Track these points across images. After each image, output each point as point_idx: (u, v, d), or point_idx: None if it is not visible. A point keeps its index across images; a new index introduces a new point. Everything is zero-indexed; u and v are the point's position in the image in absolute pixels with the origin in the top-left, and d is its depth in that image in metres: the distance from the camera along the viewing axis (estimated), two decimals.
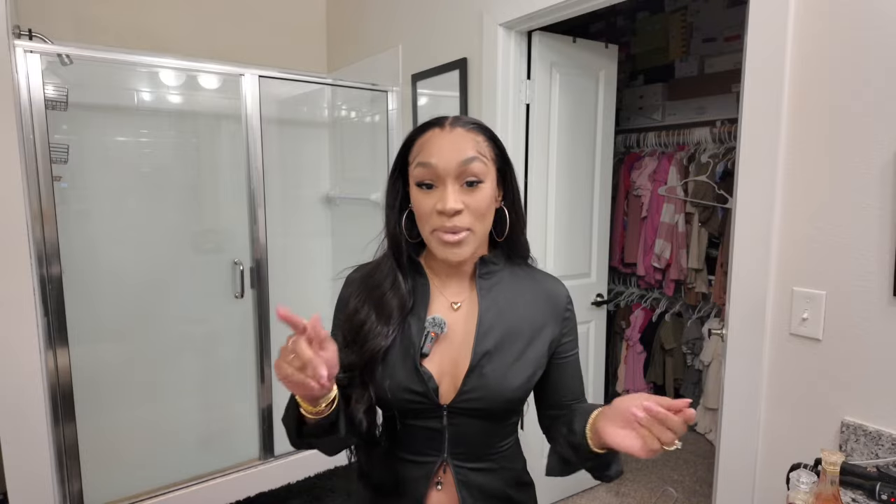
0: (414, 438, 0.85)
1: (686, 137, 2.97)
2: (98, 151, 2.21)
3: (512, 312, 0.86)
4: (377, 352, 0.81)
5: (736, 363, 1.35)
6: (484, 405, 0.82)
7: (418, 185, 0.80)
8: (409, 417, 0.83)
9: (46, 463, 1.78)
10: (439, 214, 0.78)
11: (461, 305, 0.86)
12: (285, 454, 2.46)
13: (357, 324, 0.83)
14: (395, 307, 0.83)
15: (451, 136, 0.79)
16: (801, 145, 1.20)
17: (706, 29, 3.02)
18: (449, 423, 0.83)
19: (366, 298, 0.85)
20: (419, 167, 0.79)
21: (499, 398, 0.82)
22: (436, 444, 0.84)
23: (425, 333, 0.83)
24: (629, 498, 2.44)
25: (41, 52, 1.79)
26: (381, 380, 0.81)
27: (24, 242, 1.68)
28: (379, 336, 0.81)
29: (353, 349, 0.82)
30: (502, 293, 0.87)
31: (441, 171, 0.78)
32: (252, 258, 2.34)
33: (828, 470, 0.90)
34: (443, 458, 0.84)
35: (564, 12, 1.79)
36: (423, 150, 0.80)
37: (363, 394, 0.81)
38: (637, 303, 3.36)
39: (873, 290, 1.11)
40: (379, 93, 2.61)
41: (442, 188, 0.78)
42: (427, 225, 0.80)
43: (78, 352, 1.96)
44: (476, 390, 0.81)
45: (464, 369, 0.82)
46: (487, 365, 0.81)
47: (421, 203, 0.80)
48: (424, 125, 0.83)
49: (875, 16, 1.08)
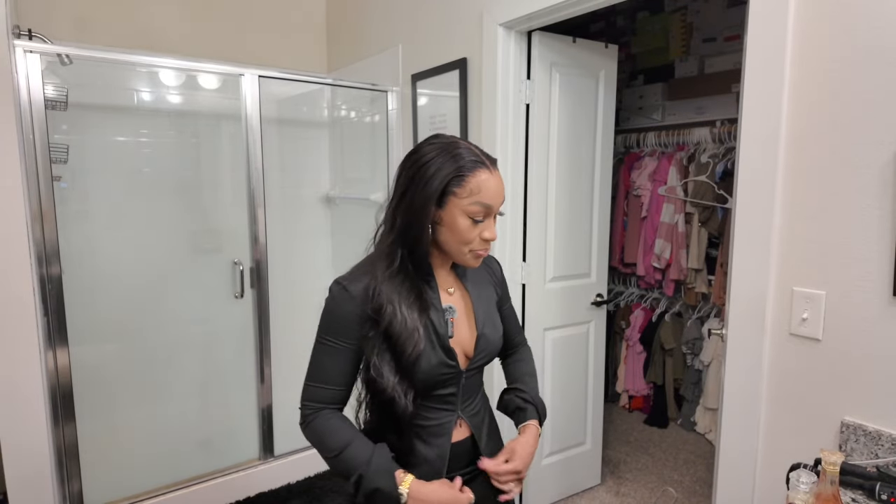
0: (434, 405, 1.02)
1: (686, 137, 2.97)
2: (98, 151, 2.21)
3: (481, 288, 1.11)
4: (420, 354, 0.95)
5: (736, 363, 1.35)
6: (487, 359, 1.07)
7: (472, 218, 0.95)
8: (434, 389, 1.00)
9: (46, 463, 1.78)
10: (483, 241, 0.97)
11: (454, 290, 1.07)
12: (285, 454, 2.47)
13: (394, 335, 0.94)
14: (417, 309, 0.96)
15: (497, 179, 0.96)
16: (800, 145, 1.20)
17: (706, 29, 3.02)
18: (462, 384, 1.03)
19: (396, 308, 0.95)
20: (477, 205, 0.94)
21: (495, 351, 1.09)
22: (452, 405, 1.03)
23: (446, 320, 1.02)
24: (629, 498, 2.44)
25: (41, 52, 1.79)
26: (423, 367, 0.96)
27: (24, 242, 1.68)
28: (417, 343, 0.95)
29: (391, 356, 0.95)
30: (470, 276, 1.11)
31: (493, 210, 0.97)
32: (252, 258, 2.34)
33: (827, 470, 0.90)
34: (457, 413, 1.04)
35: (564, 12, 1.79)
36: (482, 192, 0.94)
37: (409, 387, 0.96)
38: (637, 303, 3.36)
39: (873, 290, 1.11)
40: (379, 93, 2.61)
41: (488, 220, 0.97)
42: (467, 246, 0.97)
43: (78, 352, 1.96)
44: (483, 350, 1.05)
45: (469, 338, 1.04)
46: (485, 330, 1.05)
47: (469, 231, 0.95)
48: (470, 164, 0.94)
49: (875, 16, 1.08)
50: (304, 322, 2.88)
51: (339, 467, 0.95)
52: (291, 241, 2.81)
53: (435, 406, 1.02)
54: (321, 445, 0.97)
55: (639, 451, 2.86)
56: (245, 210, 2.32)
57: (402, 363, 0.94)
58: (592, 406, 2.44)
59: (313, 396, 0.99)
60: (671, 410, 3.19)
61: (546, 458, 2.30)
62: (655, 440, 2.98)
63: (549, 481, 2.30)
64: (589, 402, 2.42)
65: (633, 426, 3.17)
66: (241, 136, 2.25)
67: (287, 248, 2.72)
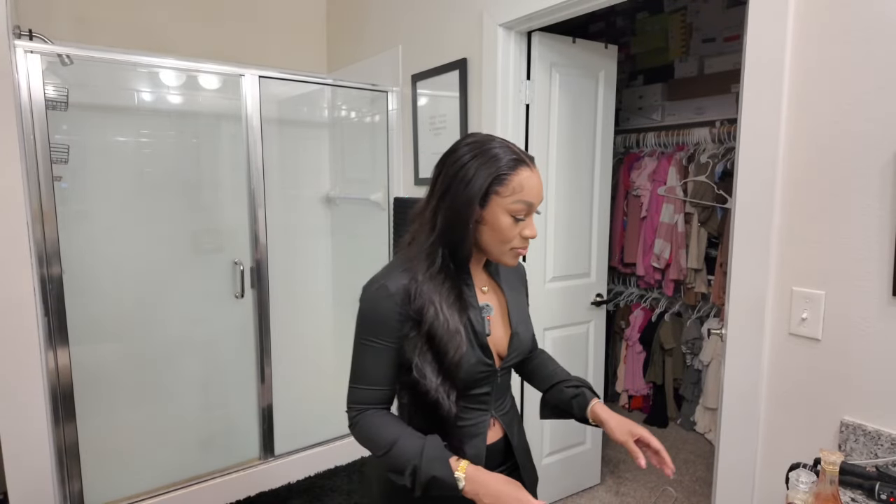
0: (468, 405, 1.02)
1: (685, 137, 2.98)
2: (98, 151, 2.21)
3: (511, 286, 1.11)
4: (462, 357, 0.95)
5: (735, 363, 1.35)
6: (520, 358, 1.08)
7: (514, 216, 0.95)
8: (471, 389, 1.01)
9: (46, 463, 1.78)
10: (524, 239, 0.98)
11: (487, 288, 1.07)
12: (285, 454, 2.47)
13: (437, 338, 0.94)
14: (456, 309, 0.97)
15: (537, 177, 0.97)
16: (800, 145, 1.20)
17: (706, 29, 3.02)
18: (496, 383, 1.04)
19: (437, 309, 0.95)
20: (519, 203, 0.94)
21: (527, 350, 1.10)
22: (486, 404, 1.04)
23: (483, 318, 1.02)
24: (629, 497, 2.44)
25: (41, 53, 1.79)
26: (464, 368, 0.96)
27: (25, 242, 1.68)
28: (462, 343, 0.95)
29: (433, 358, 0.95)
30: (501, 275, 1.11)
31: (534, 209, 0.97)
32: (252, 258, 2.34)
33: (827, 470, 0.91)
34: (491, 413, 1.05)
35: (564, 12, 1.79)
36: (525, 190, 0.94)
37: (451, 387, 0.96)
38: (636, 303, 3.36)
39: (873, 290, 1.11)
40: (379, 93, 2.61)
41: (528, 218, 0.98)
42: (507, 244, 0.97)
43: (78, 352, 1.96)
44: (516, 349, 1.06)
45: (503, 337, 1.05)
46: (519, 329, 1.07)
47: (511, 229, 0.95)
48: (512, 162, 0.94)
49: (875, 15, 1.08)
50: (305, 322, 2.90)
51: (392, 463, 0.93)
52: (291, 241, 2.82)
53: (470, 406, 1.01)
54: (371, 444, 0.96)
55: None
56: (245, 210, 2.32)
57: (445, 364, 0.94)
58: None
59: (358, 398, 0.98)
60: (671, 410, 3.20)
61: (546, 457, 2.30)
62: None
63: (549, 481, 2.31)
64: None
65: None
66: (241, 137, 2.25)
67: (287, 248, 2.72)
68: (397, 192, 2.62)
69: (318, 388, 2.87)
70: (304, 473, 2.50)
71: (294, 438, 2.52)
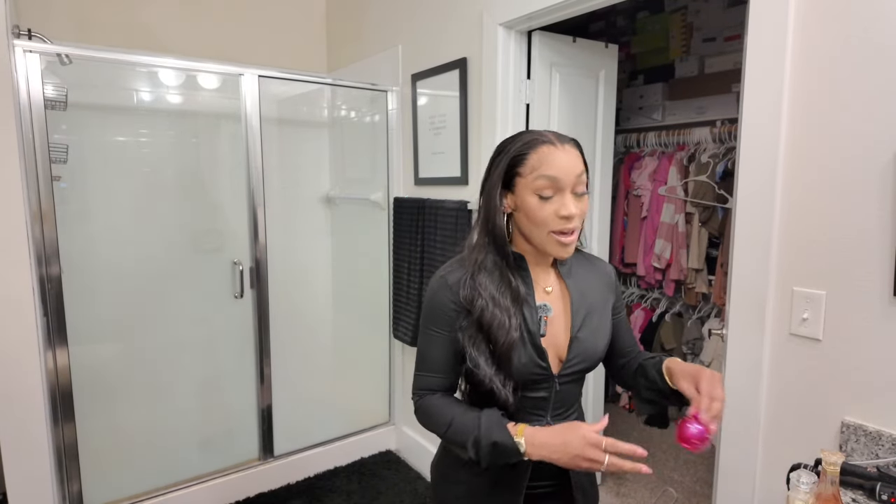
0: (524, 406, 0.99)
1: (686, 137, 2.97)
2: (97, 151, 2.21)
3: (587, 290, 1.05)
4: (513, 343, 0.94)
5: (736, 363, 1.34)
6: (584, 366, 1.01)
7: (538, 195, 0.92)
8: (525, 389, 0.98)
9: (46, 463, 1.78)
10: (560, 219, 0.92)
11: (552, 289, 1.03)
12: (285, 454, 2.47)
13: (486, 323, 0.94)
14: (510, 300, 0.96)
15: (566, 152, 0.92)
16: (800, 145, 1.20)
17: (706, 29, 3.02)
18: (555, 389, 1.00)
19: (485, 296, 0.95)
20: (541, 179, 0.91)
21: (594, 358, 1.02)
22: (542, 409, 1.00)
23: (539, 317, 0.98)
24: (629, 498, 2.43)
25: (41, 52, 1.78)
26: (514, 362, 0.94)
27: (24, 242, 1.68)
28: (511, 330, 0.94)
29: (485, 345, 0.95)
30: (578, 277, 1.06)
31: (563, 184, 0.91)
32: (252, 258, 2.33)
33: (828, 470, 0.90)
34: (546, 420, 1.00)
35: (564, 12, 1.79)
36: (543, 165, 0.91)
37: (507, 378, 0.95)
38: (637, 303, 3.36)
39: (873, 290, 1.11)
40: (379, 93, 2.60)
41: (560, 197, 0.92)
42: (544, 228, 0.93)
43: (77, 352, 1.96)
44: (578, 356, 1.00)
45: (564, 341, 1.00)
46: (583, 335, 1.00)
47: (540, 210, 0.92)
48: (531, 141, 0.93)
49: (875, 15, 1.08)
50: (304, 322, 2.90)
51: (454, 439, 0.94)
52: (291, 241, 2.81)
53: (525, 407, 0.99)
54: (432, 425, 0.98)
55: None
56: (245, 210, 2.31)
57: (497, 353, 0.94)
58: (592, 406, 2.43)
59: (422, 384, 1.02)
60: (671, 410, 3.19)
61: None
62: (656, 440, 2.98)
63: None
64: (589, 402, 2.42)
65: (633, 426, 3.16)
66: (240, 136, 2.25)
67: (287, 248, 2.72)
68: (397, 192, 2.61)
69: (318, 389, 2.87)
70: (304, 474, 2.50)
71: (294, 439, 2.52)
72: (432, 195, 2.35)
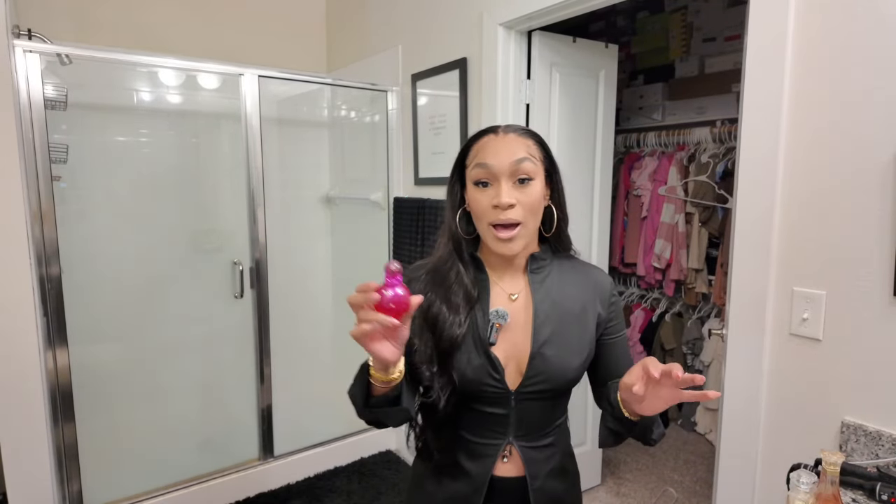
0: (480, 423, 0.93)
1: (686, 137, 2.97)
2: (97, 151, 2.21)
3: (563, 301, 0.94)
4: (455, 339, 0.88)
5: (736, 363, 1.34)
6: (548, 386, 0.91)
7: (475, 184, 0.89)
8: (478, 403, 0.91)
9: (46, 463, 1.77)
10: (494, 208, 0.86)
11: (518, 297, 0.94)
12: (285, 454, 2.46)
13: (432, 316, 0.90)
14: (462, 299, 0.91)
15: (505, 140, 0.89)
16: (800, 145, 1.20)
17: (706, 29, 3.02)
18: (515, 407, 0.91)
19: (436, 292, 0.92)
20: (476, 168, 0.88)
21: (561, 379, 0.91)
22: (501, 427, 0.92)
23: (490, 324, 0.91)
24: (629, 498, 2.43)
25: (41, 52, 1.78)
26: (459, 366, 0.88)
27: (24, 242, 1.68)
28: (454, 325, 0.89)
29: (431, 339, 0.89)
30: (553, 284, 0.96)
31: (496, 171, 0.87)
32: (252, 258, 2.33)
33: (828, 470, 0.90)
34: (508, 440, 0.93)
35: (564, 12, 1.79)
36: (480, 153, 0.89)
37: (447, 381, 0.88)
38: (637, 303, 3.36)
39: (873, 290, 1.11)
40: (379, 93, 2.60)
41: (497, 185, 0.87)
42: (484, 220, 0.89)
43: (77, 352, 1.96)
44: (540, 374, 0.90)
45: (525, 356, 0.90)
46: (547, 350, 0.90)
47: (478, 200, 0.88)
48: (480, 132, 0.92)
49: (875, 16, 1.08)
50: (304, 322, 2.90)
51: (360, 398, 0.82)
52: (291, 241, 2.81)
53: (482, 424, 0.92)
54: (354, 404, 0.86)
55: (639, 452, 2.86)
56: (245, 210, 2.31)
57: (440, 351, 0.88)
58: (592, 406, 2.43)
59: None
60: (671, 411, 3.19)
61: None
62: None
63: None
64: (589, 402, 2.42)
65: None
66: (240, 136, 2.25)
67: (287, 248, 2.72)
68: (397, 191, 2.61)
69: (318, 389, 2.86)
70: (304, 474, 2.50)
71: (294, 439, 2.52)
72: (432, 195, 2.35)
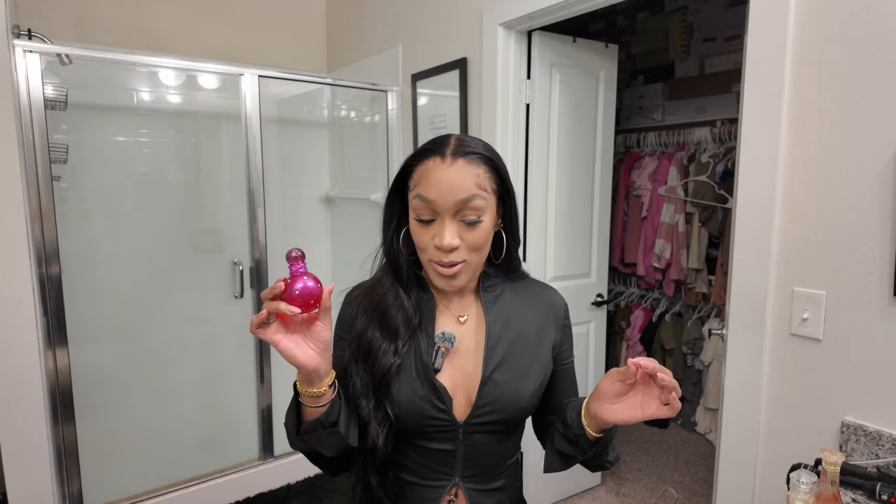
0: (424, 461, 0.83)
1: (686, 137, 2.97)
2: (97, 151, 2.21)
3: (517, 323, 0.86)
4: (387, 370, 0.79)
5: (736, 363, 1.34)
6: (499, 416, 0.82)
7: (416, 218, 0.78)
8: (422, 439, 0.82)
9: (46, 463, 1.77)
10: (437, 250, 0.77)
11: (468, 318, 0.86)
12: (285, 454, 2.46)
13: (365, 343, 0.81)
14: (400, 323, 0.81)
15: (451, 170, 0.75)
16: (801, 145, 1.20)
17: (706, 29, 3.02)
18: (463, 442, 0.82)
19: (370, 317, 0.83)
20: (417, 199, 0.77)
21: (513, 407, 0.82)
22: (447, 466, 0.83)
23: (436, 349, 0.82)
24: (629, 498, 2.43)
25: (41, 52, 1.78)
26: (398, 398, 0.79)
27: (24, 242, 1.68)
28: (387, 353, 0.79)
29: (365, 369, 0.81)
30: (506, 305, 0.87)
31: (439, 209, 0.75)
32: (252, 258, 2.33)
33: (828, 470, 0.90)
34: (454, 481, 0.84)
35: (564, 12, 1.79)
36: (423, 183, 0.76)
37: (384, 416, 0.79)
38: (637, 303, 3.36)
39: (873, 290, 1.11)
40: (379, 93, 2.60)
41: (440, 223, 0.76)
42: (424, 254, 0.80)
43: (77, 352, 1.96)
44: (491, 402, 0.81)
45: (476, 382, 0.82)
46: (500, 376, 0.82)
47: (419, 235, 0.79)
48: (425, 150, 0.79)
49: (875, 16, 1.08)
50: None
51: (292, 428, 0.78)
52: (291, 241, 2.81)
53: (426, 463, 0.83)
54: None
55: (639, 452, 2.86)
56: (245, 210, 2.31)
57: (373, 382, 0.80)
58: None
59: None
60: None
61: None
62: (656, 440, 2.98)
63: (549, 481, 2.30)
64: None
65: (633, 426, 3.16)
66: (240, 136, 2.25)
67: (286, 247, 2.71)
68: None
69: None
70: (304, 474, 2.49)
71: None
72: None
